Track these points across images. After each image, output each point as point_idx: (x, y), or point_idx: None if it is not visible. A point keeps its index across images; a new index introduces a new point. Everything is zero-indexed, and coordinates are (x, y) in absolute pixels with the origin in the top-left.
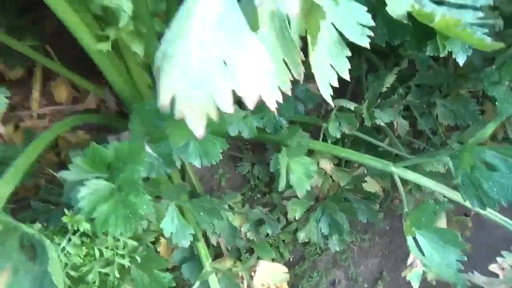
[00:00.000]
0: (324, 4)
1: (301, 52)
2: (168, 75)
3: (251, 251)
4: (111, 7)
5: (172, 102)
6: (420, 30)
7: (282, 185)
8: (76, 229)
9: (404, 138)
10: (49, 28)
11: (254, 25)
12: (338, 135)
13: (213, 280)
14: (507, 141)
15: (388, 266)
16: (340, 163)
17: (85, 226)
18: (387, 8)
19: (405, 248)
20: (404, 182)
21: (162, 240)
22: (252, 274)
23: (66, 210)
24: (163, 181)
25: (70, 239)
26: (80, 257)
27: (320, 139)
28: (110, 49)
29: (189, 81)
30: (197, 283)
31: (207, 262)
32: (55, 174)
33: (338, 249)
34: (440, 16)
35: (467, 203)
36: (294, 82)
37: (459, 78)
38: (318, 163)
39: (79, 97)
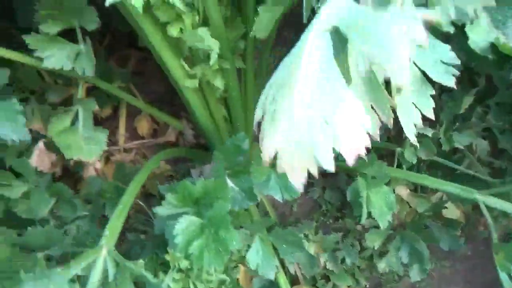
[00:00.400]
0: None
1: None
2: (272, 133)
3: (326, 278)
4: (202, 48)
5: (275, 157)
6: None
7: (363, 219)
8: (176, 265)
9: (484, 159)
10: (131, 68)
11: (347, 77)
12: (414, 161)
13: None
14: None
15: None
16: (416, 188)
17: (185, 264)
18: (469, 42)
19: (489, 274)
20: (490, 208)
21: (241, 268)
22: None
23: (168, 250)
24: (241, 212)
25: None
26: None
27: (395, 164)
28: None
29: (291, 139)
30: None
31: None
32: (142, 203)
33: (419, 279)
34: None
35: None
36: None
37: None
38: (393, 190)
39: (158, 129)
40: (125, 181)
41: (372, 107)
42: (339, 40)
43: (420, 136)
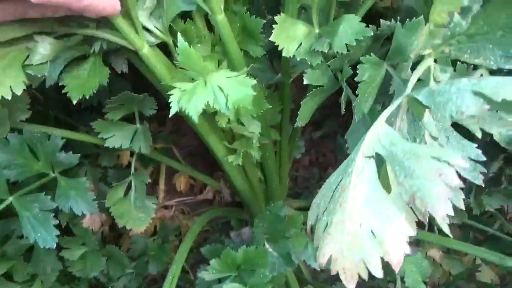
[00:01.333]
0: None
1: None
2: (327, 242)
3: None
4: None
5: (329, 262)
6: None
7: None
8: None
9: None
10: (169, 128)
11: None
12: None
13: None
14: None
15: None
16: (449, 249)
17: None
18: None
19: None
20: None
21: None
22: None
23: None
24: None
25: None
26: None
27: (426, 228)
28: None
29: (343, 248)
30: None
31: None
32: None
33: None
34: None
35: None
36: None
37: None
38: (426, 252)
39: (195, 185)
40: (167, 238)
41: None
42: (381, 163)
43: None
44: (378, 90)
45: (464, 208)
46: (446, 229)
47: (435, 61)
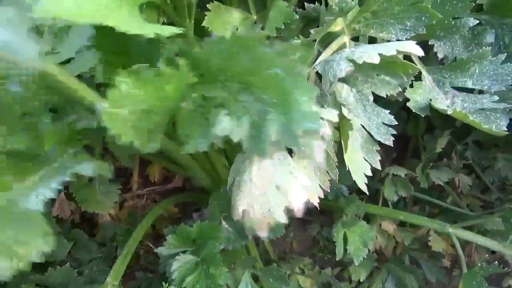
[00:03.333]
0: (355, 111)
1: (336, 157)
2: (239, 198)
3: None
4: None
5: (243, 215)
6: None
7: (339, 256)
8: None
9: (468, 193)
10: None
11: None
12: (395, 199)
13: None
14: None
15: None
16: (405, 223)
17: None
18: (408, 104)
19: None
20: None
21: None
22: None
23: (163, 283)
24: (239, 250)
25: None
26: None
27: (380, 202)
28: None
29: (253, 202)
30: None
31: None
32: (151, 245)
33: None
34: (452, 110)
35: None
36: None
37: None
38: (380, 225)
39: (168, 175)
40: (136, 225)
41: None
42: None
43: (396, 176)
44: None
45: (380, 168)
46: (361, 185)
47: (357, 39)
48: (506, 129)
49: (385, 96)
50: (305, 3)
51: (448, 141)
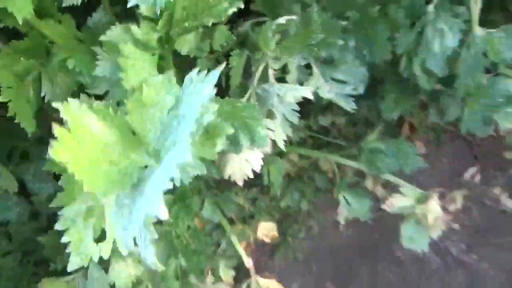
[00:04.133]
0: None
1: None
2: (226, 167)
3: (252, 217)
4: None
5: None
6: None
7: (266, 182)
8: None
9: (344, 130)
10: None
11: None
12: (298, 139)
13: (234, 238)
14: None
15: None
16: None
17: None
18: None
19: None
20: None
21: (197, 219)
22: (256, 230)
23: None
24: (200, 186)
25: None
26: None
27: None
28: None
29: (235, 169)
30: (223, 243)
31: (228, 228)
32: None
33: (306, 208)
34: (328, 95)
35: None
36: None
37: None
38: (288, 156)
39: None
40: None
41: None
42: None
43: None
44: (244, 71)
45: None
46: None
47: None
48: (355, 107)
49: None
50: (238, 28)
51: None
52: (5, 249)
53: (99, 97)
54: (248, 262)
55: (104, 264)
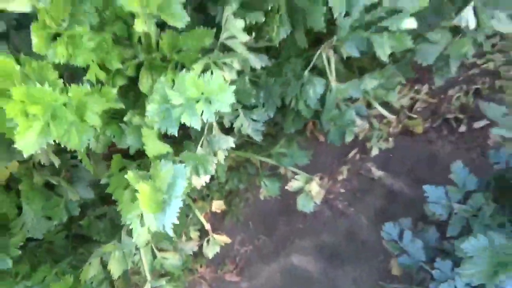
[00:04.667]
0: None
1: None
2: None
3: (208, 196)
4: None
5: None
6: None
7: (215, 174)
8: None
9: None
10: None
11: None
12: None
13: (197, 211)
14: None
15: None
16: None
17: None
18: None
19: None
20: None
21: None
22: (211, 205)
23: None
24: None
25: None
26: None
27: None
28: None
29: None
30: (191, 214)
31: (193, 205)
32: None
33: (243, 187)
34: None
35: None
36: None
37: None
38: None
39: None
40: None
41: None
42: None
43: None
44: None
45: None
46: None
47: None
48: (262, 138)
49: None
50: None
51: None
52: (56, 229)
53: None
54: (207, 226)
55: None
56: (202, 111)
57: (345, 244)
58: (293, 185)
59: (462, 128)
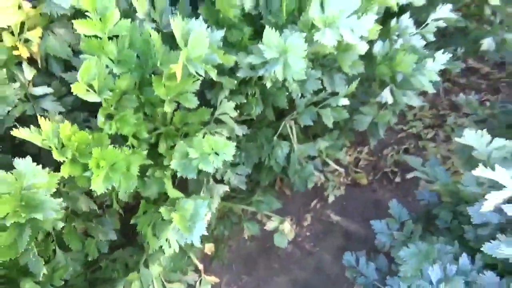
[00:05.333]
0: None
1: None
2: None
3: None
4: None
5: None
6: None
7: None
8: None
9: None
10: None
11: None
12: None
13: (192, 255)
14: None
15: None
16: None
17: None
18: None
19: None
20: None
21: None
22: (203, 247)
23: None
24: None
25: None
26: None
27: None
28: None
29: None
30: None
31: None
32: None
33: (228, 234)
34: None
35: None
36: None
37: None
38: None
39: None
40: None
41: None
42: None
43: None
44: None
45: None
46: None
47: None
48: (246, 188)
49: None
50: None
51: None
52: (76, 273)
53: None
54: (200, 266)
55: None
56: (213, 161)
57: (314, 278)
58: (270, 225)
59: (398, 179)
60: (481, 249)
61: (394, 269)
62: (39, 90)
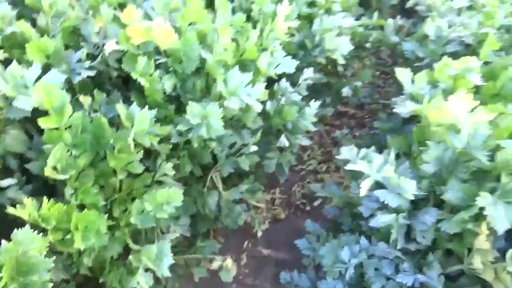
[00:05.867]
0: None
1: None
2: None
3: None
4: None
5: None
6: None
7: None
8: None
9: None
10: None
11: None
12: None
13: None
14: None
15: None
16: None
17: None
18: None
19: None
20: None
21: None
22: None
23: None
24: None
25: None
26: None
27: None
28: None
29: None
30: None
31: None
32: None
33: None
34: None
35: None
36: None
37: None
38: None
39: None
40: None
41: None
42: None
43: None
44: None
45: None
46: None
47: None
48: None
49: None
50: None
51: None
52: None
53: None
54: None
55: None
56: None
57: None
58: (215, 265)
59: (308, 208)
60: (370, 224)
61: (321, 275)
62: (5, 183)
